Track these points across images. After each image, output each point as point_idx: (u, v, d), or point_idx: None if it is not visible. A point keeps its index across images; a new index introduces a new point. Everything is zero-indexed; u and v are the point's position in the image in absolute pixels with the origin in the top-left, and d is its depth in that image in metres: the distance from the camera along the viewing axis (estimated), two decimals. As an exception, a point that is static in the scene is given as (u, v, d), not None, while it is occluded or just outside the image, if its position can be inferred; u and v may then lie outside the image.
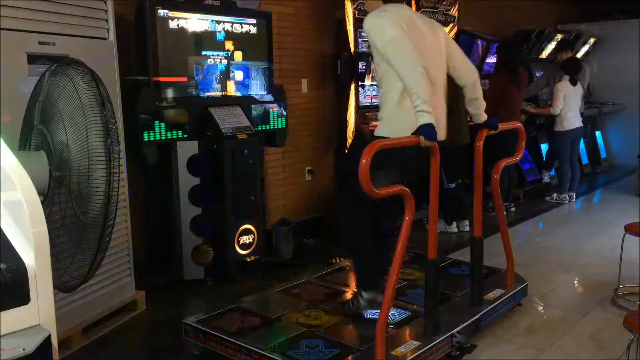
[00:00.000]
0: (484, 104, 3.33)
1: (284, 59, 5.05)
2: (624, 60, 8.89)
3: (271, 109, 4.51)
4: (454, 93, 3.42)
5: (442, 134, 2.98)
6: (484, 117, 3.34)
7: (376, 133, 3.10)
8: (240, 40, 4.31)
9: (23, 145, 2.11)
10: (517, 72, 5.86)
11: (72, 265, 1.93)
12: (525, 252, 4.73)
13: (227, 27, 4.21)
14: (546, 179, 7.47)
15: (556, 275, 4.33)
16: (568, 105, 6.38)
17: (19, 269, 1.51)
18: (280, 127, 4.59)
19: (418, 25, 2.98)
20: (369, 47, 5.39)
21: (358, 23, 5.26)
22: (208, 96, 4.13)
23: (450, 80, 3.28)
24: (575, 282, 4.28)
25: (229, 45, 4.23)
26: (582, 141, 7.79)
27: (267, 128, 4.50)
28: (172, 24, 3.87)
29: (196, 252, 4.01)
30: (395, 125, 2.92)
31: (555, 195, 6.81)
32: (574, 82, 6.43)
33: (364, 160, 2.40)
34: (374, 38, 2.85)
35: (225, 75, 4.24)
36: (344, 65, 5.30)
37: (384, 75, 2.96)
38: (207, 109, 4.01)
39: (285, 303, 3.37)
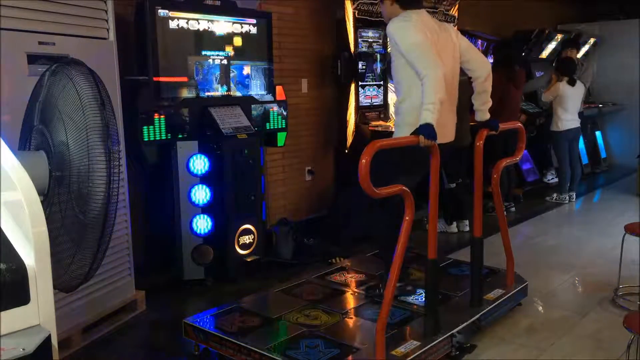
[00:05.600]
0: (490, 101, 3.35)
1: (284, 59, 5.06)
2: (624, 60, 8.89)
3: (271, 109, 4.51)
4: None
5: (449, 136, 3.19)
6: (486, 115, 3.36)
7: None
8: (240, 40, 4.31)
9: (23, 145, 2.10)
10: (514, 70, 5.87)
11: (72, 265, 1.92)
12: (525, 252, 4.73)
13: (227, 27, 4.21)
14: (549, 178, 7.47)
15: (556, 275, 4.33)
16: (564, 107, 6.38)
17: (19, 269, 1.51)
18: (280, 127, 4.59)
19: (436, 32, 3.10)
20: (369, 47, 5.48)
21: (358, 23, 5.27)
22: (208, 96, 4.13)
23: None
24: (575, 282, 4.28)
25: (229, 45, 4.23)
26: (582, 141, 7.81)
27: (267, 128, 4.50)
28: (172, 24, 3.87)
29: (196, 252, 4.01)
30: (410, 130, 2.91)
31: (555, 195, 6.81)
32: (572, 82, 6.42)
33: (364, 160, 2.40)
34: (399, 41, 2.96)
35: (226, 75, 4.24)
36: (344, 65, 5.30)
37: (403, 80, 3.07)
38: (207, 109, 4.01)
39: (285, 303, 3.37)
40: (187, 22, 3.95)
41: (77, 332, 3.15)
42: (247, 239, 4.15)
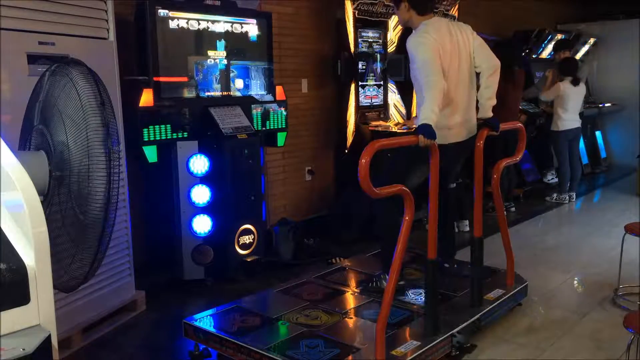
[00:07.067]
0: (494, 99, 3.39)
1: (284, 59, 5.06)
2: (624, 60, 8.89)
3: (271, 109, 4.51)
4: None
5: (459, 136, 3.33)
6: (489, 113, 3.38)
7: None
8: (241, 40, 4.31)
9: (23, 145, 2.10)
10: (513, 71, 5.87)
11: (72, 265, 1.92)
12: (525, 252, 4.73)
13: (228, 27, 4.22)
14: (549, 178, 7.47)
15: (556, 275, 4.33)
16: (565, 106, 6.37)
17: (19, 269, 1.51)
18: (280, 127, 4.59)
19: (452, 38, 3.24)
20: (369, 46, 5.48)
21: (358, 23, 5.27)
22: (208, 96, 4.13)
23: None
24: (575, 282, 4.28)
25: (229, 45, 4.23)
26: (582, 141, 7.80)
27: (267, 128, 4.50)
28: (172, 24, 3.87)
29: (196, 252, 4.01)
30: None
31: (555, 195, 6.81)
32: (575, 82, 6.41)
33: (363, 160, 2.41)
34: (413, 56, 3.15)
35: (226, 75, 4.24)
36: (344, 65, 5.31)
37: (421, 89, 3.17)
38: (207, 109, 4.01)
39: (285, 303, 3.37)
40: (187, 22, 3.95)
41: (77, 332, 3.15)
42: (247, 239, 4.15)
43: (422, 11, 3.27)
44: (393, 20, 5.65)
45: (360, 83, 5.39)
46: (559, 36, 8.09)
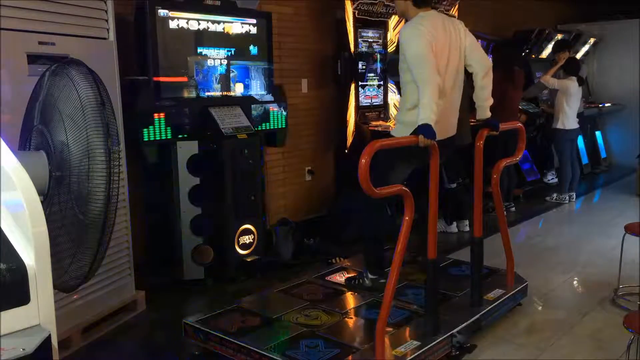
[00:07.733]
0: (491, 99, 3.37)
1: (284, 59, 5.06)
2: (624, 60, 8.89)
3: (271, 109, 4.51)
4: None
5: (450, 130, 3.31)
6: (487, 112, 3.37)
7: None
8: (240, 40, 4.31)
9: (23, 145, 2.10)
10: (512, 70, 5.86)
11: (72, 265, 1.92)
12: (525, 252, 4.73)
13: (227, 27, 4.22)
14: (549, 178, 7.47)
15: (556, 275, 4.33)
16: (569, 105, 6.38)
17: (19, 269, 1.51)
18: (280, 127, 4.59)
19: (445, 33, 3.19)
20: (369, 46, 5.48)
21: (358, 23, 5.28)
22: (208, 96, 4.13)
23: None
24: (575, 282, 4.28)
25: (229, 45, 4.23)
26: (582, 141, 7.80)
27: (267, 128, 4.50)
28: (172, 24, 3.87)
29: (196, 252, 4.01)
30: (408, 130, 3.02)
31: (555, 195, 6.81)
32: (580, 83, 6.42)
33: (363, 160, 2.41)
34: (405, 48, 3.10)
35: (226, 75, 4.24)
36: (344, 65, 5.31)
37: (406, 83, 3.18)
38: (207, 109, 4.01)
39: (285, 303, 3.37)
40: (187, 22, 3.95)
41: (77, 332, 3.15)
42: (247, 239, 4.15)
43: (418, 3, 3.23)
44: (393, 20, 5.65)
45: (360, 83, 5.39)
46: (559, 36, 8.08)
